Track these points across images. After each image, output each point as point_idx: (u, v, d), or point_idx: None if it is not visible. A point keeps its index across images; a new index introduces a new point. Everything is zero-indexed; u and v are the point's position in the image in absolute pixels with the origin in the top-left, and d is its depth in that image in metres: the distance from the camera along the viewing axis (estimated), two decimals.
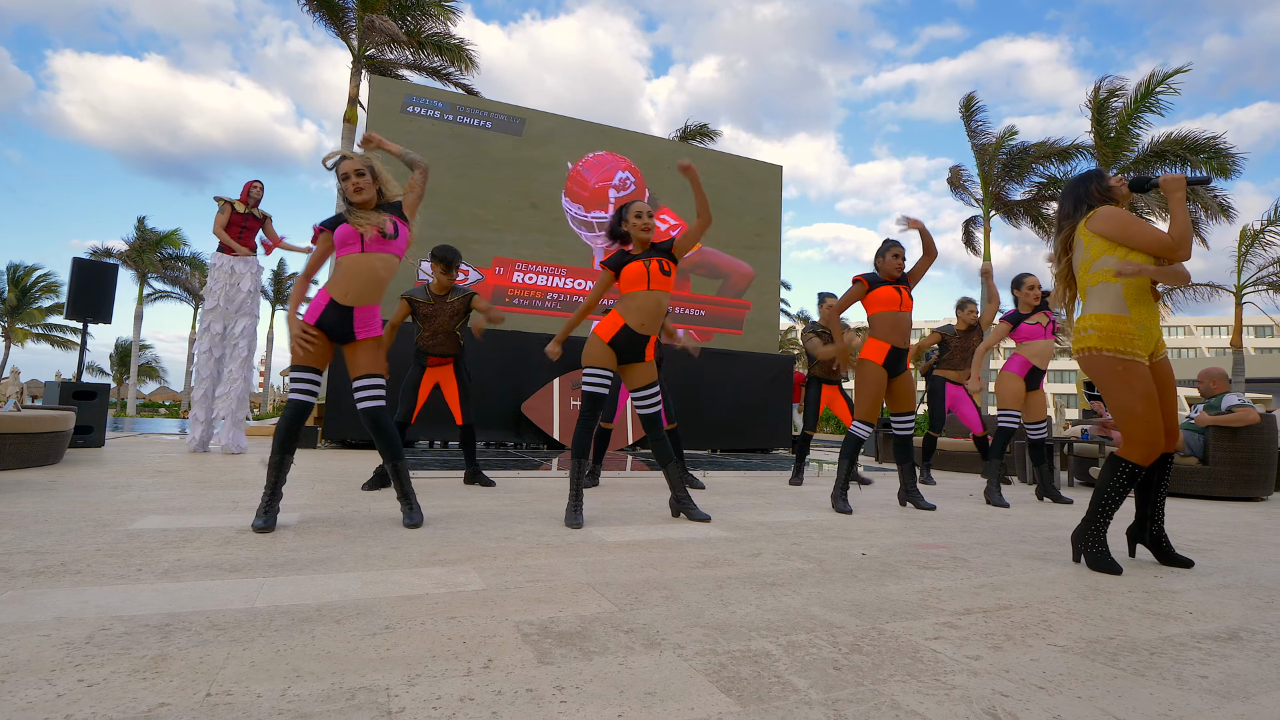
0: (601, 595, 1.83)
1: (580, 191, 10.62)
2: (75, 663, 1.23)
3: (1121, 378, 2.37)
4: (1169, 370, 2.52)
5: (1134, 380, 2.36)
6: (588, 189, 10.64)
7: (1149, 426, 2.34)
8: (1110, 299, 2.42)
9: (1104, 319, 2.43)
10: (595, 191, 10.68)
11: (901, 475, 4.03)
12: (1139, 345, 2.39)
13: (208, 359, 6.01)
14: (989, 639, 1.58)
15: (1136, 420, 2.35)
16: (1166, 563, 2.53)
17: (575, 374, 8.64)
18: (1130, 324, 2.40)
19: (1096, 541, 2.44)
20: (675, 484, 3.22)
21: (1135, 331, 2.39)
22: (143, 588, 1.72)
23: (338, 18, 14.62)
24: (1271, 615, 1.90)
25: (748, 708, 1.15)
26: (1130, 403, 2.36)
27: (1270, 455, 5.32)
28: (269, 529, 2.51)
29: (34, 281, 34.08)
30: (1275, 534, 3.54)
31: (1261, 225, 16.63)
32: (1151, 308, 2.44)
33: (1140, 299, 2.41)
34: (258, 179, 6.18)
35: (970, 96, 18.24)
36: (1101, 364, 2.42)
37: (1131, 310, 2.40)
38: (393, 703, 1.12)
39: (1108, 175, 2.60)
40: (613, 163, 10.92)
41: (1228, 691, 1.31)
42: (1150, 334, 2.43)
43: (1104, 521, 2.45)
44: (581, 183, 10.63)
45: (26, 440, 4.34)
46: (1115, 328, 2.40)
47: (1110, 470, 2.43)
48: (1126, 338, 2.38)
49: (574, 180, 10.61)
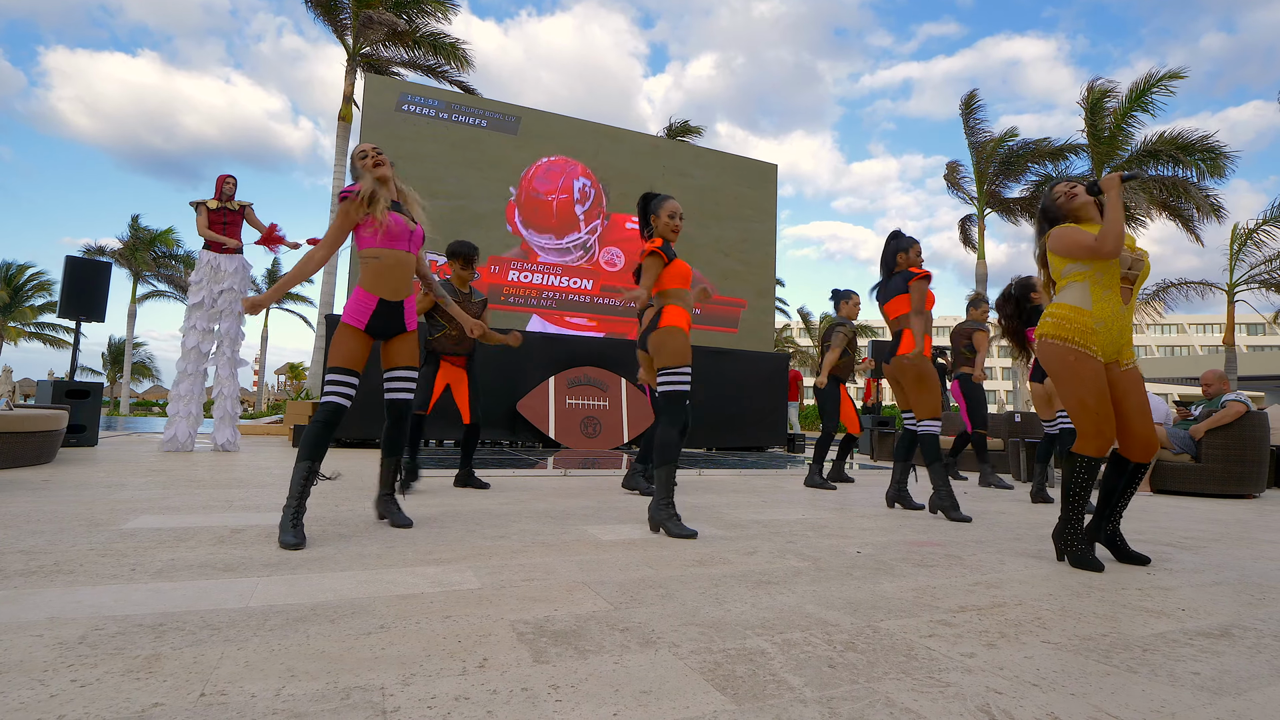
0: (597, 594, 1.83)
1: (545, 220, 10.02)
2: (68, 663, 1.22)
3: (1072, 369, 2.40)
4: (1137, 377, 2.49)
5: (1084, 373, 2.38)
6: (550, 214, 10.06)
7: (1098, 419, 2.37)
8: (1075, 292, 2.46)
9: (1063, 308, 2.47)
10: (560, 211, 10.17)
11: (896, 473, 4.03)
12: (1094, 340, 2.40)
13: (194, 355, 5.97)
14: (983, 636, 1.58)
15: (1087, 413, 2.38)
16: (1124, 560, 2.54)
17: (570, 372, 8.65)
18: (1089, 318, 2.41)
19: (1075, 540, 2.46)
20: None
21: (1093, 326, 2.40)
22: (136, 587, 1.71)
23: (333, 15, 14.57)
24: (1263, 612, 1.91)
25: (743, 706, 1.16)
26: (1080, 395, 2.38)
27: (1262, 453, 5.36)
28: (300, 545, 2.24)
29: (26, 280, 33.82)
30: (1267, 531, 3.57)
31: (1256, 224, 16.73)
32: (1117, 309, 2.41)
33: (1107, 297, 2.41)
34: (230, 174, 6.13)
35: (971, 94, 18.31)
36: (1053, 352, 2.44)
37: (1094, 305, 2.42)
38: (387, 702, 1.12)
39: (1055, 188, 2.64)
40: (567, 170, 10.37)
41: (1220, 688, 1.32)
42: (1111, 334, 2.41)
43: (1077, 519, 2.47)
44: (538, 204, 9.99)
45: (19, 439, 4.31)
46: (1072, 318, 2.43)
47: (1069, 467, 2.47)
48: (1081, 330, 2.40)
49: (528, 198, 9.95)
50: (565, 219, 10.30)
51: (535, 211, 10.11)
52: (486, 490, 4.03)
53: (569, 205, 10.30)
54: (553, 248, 10.20)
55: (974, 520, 3.57)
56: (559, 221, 10.26)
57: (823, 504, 3.98)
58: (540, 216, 10.12)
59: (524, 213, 10.06)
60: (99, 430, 6.48)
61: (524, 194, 10.11)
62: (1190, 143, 15.93)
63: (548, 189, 10.20)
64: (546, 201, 10.17)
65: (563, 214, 10.28)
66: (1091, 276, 2.43)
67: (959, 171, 19.22)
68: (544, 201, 10.16)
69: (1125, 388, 2.46)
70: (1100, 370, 2.39)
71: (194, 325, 5.94)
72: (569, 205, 10.30)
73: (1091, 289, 2.43)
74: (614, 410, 8.71)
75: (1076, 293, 2.46)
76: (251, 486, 3.73)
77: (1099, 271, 2.41)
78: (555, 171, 10.32)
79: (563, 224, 10.29)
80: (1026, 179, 18.32)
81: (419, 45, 14.65)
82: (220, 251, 6.01)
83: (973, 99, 18.33)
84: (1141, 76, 16.04)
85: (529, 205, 10.11)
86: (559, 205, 10.24)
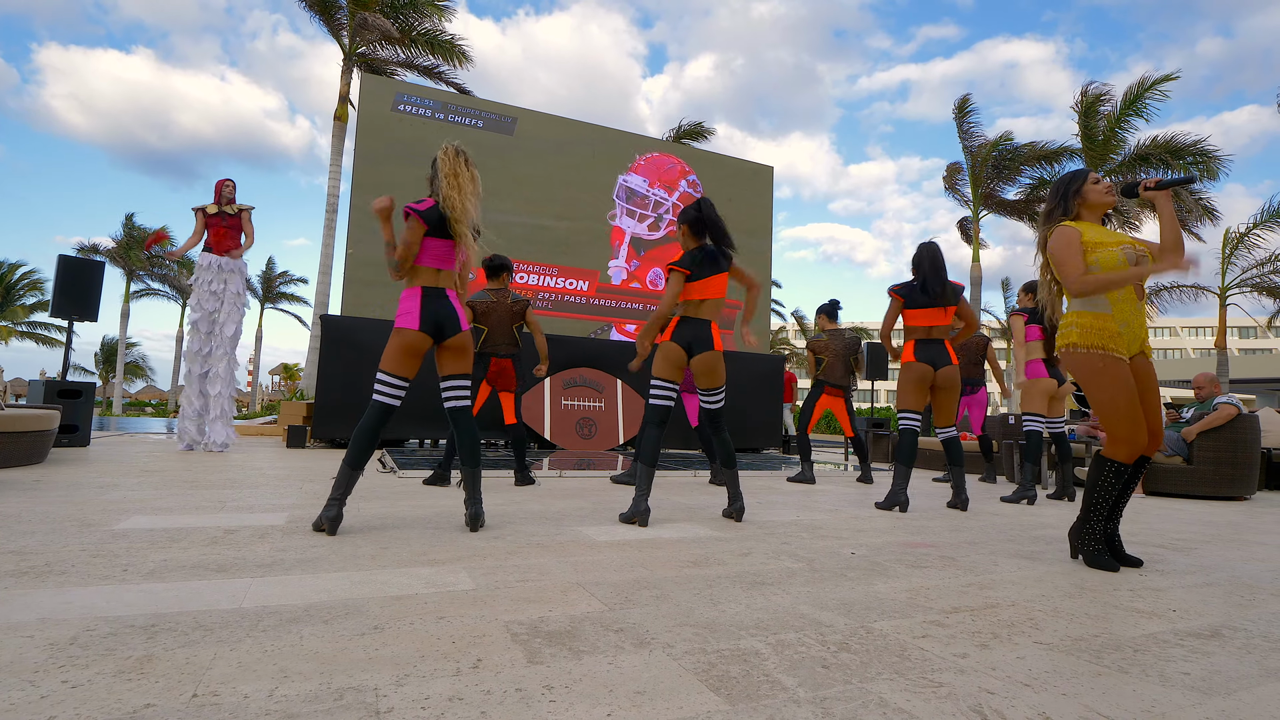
0: (591, 595, 1.83)
1: (648, 170, 10.69)
2: (59, 664, 1.22)
3: (1102, 374, 2.40)
4: (1150, 370, 2.53)
5: (1115, 377, 2.39)
6: (658, 172, 10.72)
7: (1131, 423, 2.37)
8: (1092, 297, 2.47)
9: (1085, 316, 2.47)
10: (666, 175, 10.77)
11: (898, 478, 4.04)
12: (1120, 343, 2.41)
13: (195, 357, 5.97)
14: (976, 637, 1.59)
15: (1119, 417, 2.38)
16: (1119, 562, 2.56)
17: (566, 374, 8.64)
18: (1112, 322, 2.43)
19: (1092, 540, 2.48)
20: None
21: (1117, 329, 2.42)
22: (128, 588, 1.71)
23: (329, 15, 14.53)
24: (1253, 613, 1.93)
25: (736, 706, 1.16)
26: (1112, 398, 2.39)
27: (1253, 455, 5.39)
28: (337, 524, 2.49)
29: (18, 278, 33.58)
30: (1257, 533, 3.59)
31: (1247, 228, 16.86)
32: (1135, 307, 2.46)
33: (1124, 298, 2.44)
34: (229, 177, 6.13)
35: (965, 98, 18.38)
36: (1081, 360, 2.45)
37: (1114, 308, 2.43)
38: (381, 703, 1.11)
39: (1087, 178, 2.58)
40: (678, 168, 11.14)
41: (1209, 688, 1.33)
42: (1133, 332, 2.45)
43: (1097, 520, 2.49)
44: (648, 168, 10.70)
45: (10, 439, 4.28)
46: (1096, 324, 2.44)
47: (1097, 470, 2.48)
48: (1107, 334, 2.42)
49: (636, 167, 10.73)
50: (667, 180, 10.99)
51: (638, 168, 10.88)
52: (483, 490, 4.02)
53: (676, 180, 11.07)
54: (635, 190, 10.76)
55: (968, 521, 3.58)
56: (659, 176, 10.91)
57: (817, 505, 3.99)
58: (643, 168, 10.90)
59: (633, 168, 10.76)
60: (91, 430, 6.44)
61: (635, 165, 10.84)
62: (1182, 147, 16.04)
63: (656, 171, 10.95)
64: (652, 169, 10.92)
65: (667, 178, 11.03)
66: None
67: (958, 174, 19.31)
68: (650, 168, 10.91)
69: (1148, 381, 2.49)
70: (1128, 372, 2.41)
71: (194, 326, 5.94)
72: (676, 180, 11.07)
73: (1108, 292, 2.45)
74: (609, 411, 8.71)
75: (1095, 299, 2.47)
76: (245, 487, 3.72)
77: (1109, 271, 2.42)
78: (665, 164, 11.08)
79: (662, 180, 10.93)
80: (1021, 182, 18.43)
81: (416, 44, 14.61)
82: (219, 254, 6.00)
83: (966, 103, 18.40)
84: (1136, 81, 16.16)
85: (636, 167, 10.83)
86: (664, 173, 10.99)
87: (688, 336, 3.14)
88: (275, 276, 35.69)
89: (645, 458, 3.07)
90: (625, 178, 10.58)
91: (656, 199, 10.59)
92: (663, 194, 10.64)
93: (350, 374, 7.38)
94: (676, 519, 3.22)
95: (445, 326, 2.66)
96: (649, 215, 10.58)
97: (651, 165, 10.82)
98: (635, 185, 10.49)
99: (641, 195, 10.52)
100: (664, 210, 10.75)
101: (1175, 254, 2.39)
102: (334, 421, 7.34)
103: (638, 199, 10.50)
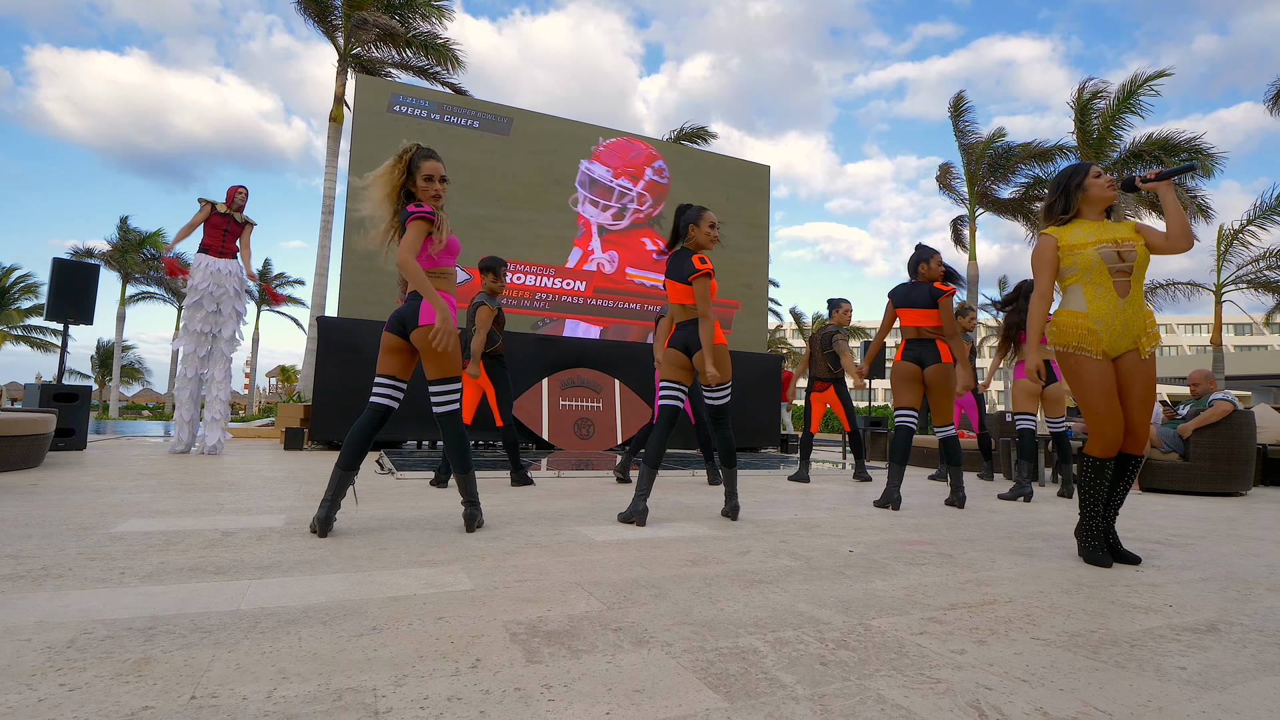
0: (590, 594, 1.83)
1: (610, 159, 10.52)
2: (57, 667, 1.22)
3: (1073, 372, 2.46)
4: (1141, 367, 2.45)
5: (1084, 375, 2.43)
6: (620, 160, 10.55)
7: (1100, 419, 2.42)
8: (1071, 297, 2.52)
9: (1061, 315, 2.53)
10: (630, 164, 10.63)
11: (894, 476, 4.04)
12: (1093, 341, 2.43)
13: (191, 359, 5.94)
14: (973, 633, 1.60)
15: (1090, 413, 2.44)
16: (1115, 559, 2.56)
17: (563, 374, 8.64)
18: (1087, 320, 2.44)
19: (1088, 535, 2.52)
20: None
21: (1092, 327, 2.43)
22: (126, 591, 1.70)
23: (324, 16, 14.51)
24: (1249, 608, 1.94)
25: (735, 704, 1.16)
26: (1082, 395, 2.45)
27: (1248, 451, 5.41)
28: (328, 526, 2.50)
29: (13, 282, 33.46)
30: (1253, 528, 3.61)
31: (1241, 224, 16.91)
32: (1114, 304, 2.42)
33: (1102, 295, 2.43)
34: (243, 185, 6.13)
35: (959, 96, 18.43)
36: (1061, 360, 2.53)
37: (1090, 306, 2.45)
38: (380, 703, 1.11)
39: (1089, 172, 2.58)
40: (645, 153, 10.94)
41: (1206, 682, 1.34)
42: (1114, 328, 2.42)
43: (1088, 516, 2.52)
44: (612, 157, 10.55)
45: (6, 443, 4.27)
46: (1071, 324, 2.48)
47: (1080, 466, 2.54)
48: (1080, 333, 2.45)
49: (598, 155, 10.55)
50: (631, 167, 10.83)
51: (600, 156, 10.70)
52: (481, 490, 4.02)
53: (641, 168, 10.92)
54: (599, 180, 10.60)
55: (965, 519, 3.59)
56: (622, 165, 10.75)
57: (815, 504, 4.00)
58: (606, 158, 10.72)
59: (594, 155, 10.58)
60: (88, 434, 6.42)
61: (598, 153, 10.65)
62: (1176, 144, 16.09)
63: (623, 156, 10.76)
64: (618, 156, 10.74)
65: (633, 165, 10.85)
66: (1082, 278, 2.47)
67: (951, 173, 19.35)
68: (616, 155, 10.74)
69: (1135, 379, 2.45)
70: (1104, 371, 2.42)
71: (189, 328, 5.90)
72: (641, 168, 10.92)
73: (1084, 290, 2.47)
74: (607, 411, 8.71)
75: (1072, 297, 2.52)
76: (242, 490, 3.71)
77: (1086, 272, 2.44)
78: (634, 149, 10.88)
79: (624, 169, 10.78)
80: (1016, 180, 18.46)
81: (410, 45, 14.60)
82: (216, 255, 5.99)
83: (961, 101, 18.45)
84: (1129, 78, 16.21)
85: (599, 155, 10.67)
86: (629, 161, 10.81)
87: (684, 340, 3.21)
88: (273, 278, 35.63)
89: (649, 459, 3.10)
90: (588, 165, 10.49)
91: (620, 189, 10.56)
92: (626, 184, 10.60)
93: (347, 376, 7.37)
94: (675, 518, 3.23)
95: (406, 322, 2.66)
96: (611, 205, 10.53)
97: (613, 151, 10.72)
98: (599, 174, 10.43)
99: (604, 185, 10.48)
100: (628, 200, 10.67)
101: (1183, 241, 2.43)
102: (331, 423, 7.33)
103: (599, 188, 10.46)
